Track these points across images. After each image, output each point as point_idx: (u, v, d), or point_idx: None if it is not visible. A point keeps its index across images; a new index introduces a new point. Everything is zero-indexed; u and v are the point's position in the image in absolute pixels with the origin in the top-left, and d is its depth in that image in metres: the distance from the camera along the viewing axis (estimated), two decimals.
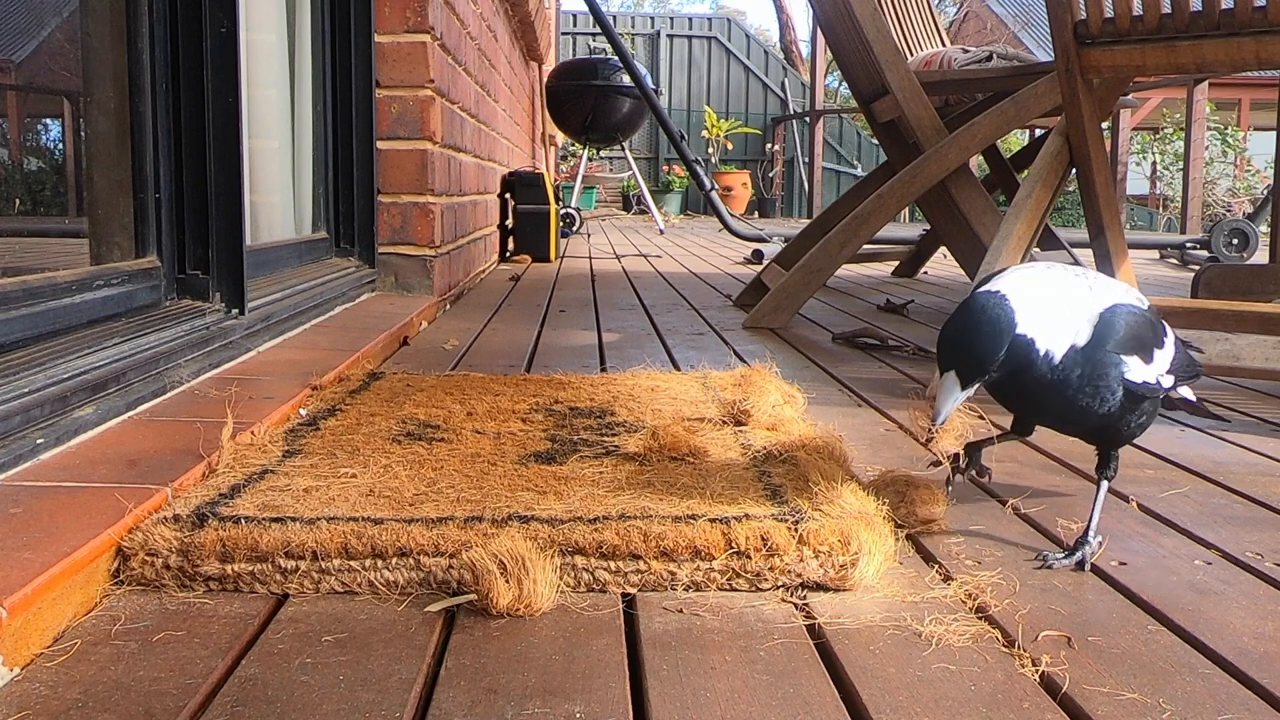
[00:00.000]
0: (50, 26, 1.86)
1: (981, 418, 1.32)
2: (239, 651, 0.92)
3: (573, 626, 0.99)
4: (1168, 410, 1.41)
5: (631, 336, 2.82)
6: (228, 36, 1.95)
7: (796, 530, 1.09)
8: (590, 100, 8.68)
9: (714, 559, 1.07)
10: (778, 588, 1.08)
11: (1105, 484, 1.22)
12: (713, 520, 1.11)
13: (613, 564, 1.07)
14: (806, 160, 12.39)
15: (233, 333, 1.96)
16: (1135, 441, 1.72)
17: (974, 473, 1.31)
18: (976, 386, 1.09)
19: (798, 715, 0.83)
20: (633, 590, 1.07)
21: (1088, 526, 1.18)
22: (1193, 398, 1.35)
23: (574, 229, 7.51)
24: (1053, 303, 1.09)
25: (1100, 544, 1.21)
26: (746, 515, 1.13)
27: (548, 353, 2.51)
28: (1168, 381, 1.18)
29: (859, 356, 2.58)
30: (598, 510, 1.15)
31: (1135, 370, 1.13)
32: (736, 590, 1.08)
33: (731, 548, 1.07)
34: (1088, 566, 1.16)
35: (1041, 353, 1.08)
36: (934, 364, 2.20)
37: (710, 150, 14.71)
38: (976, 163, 5.48)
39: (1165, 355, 1.17)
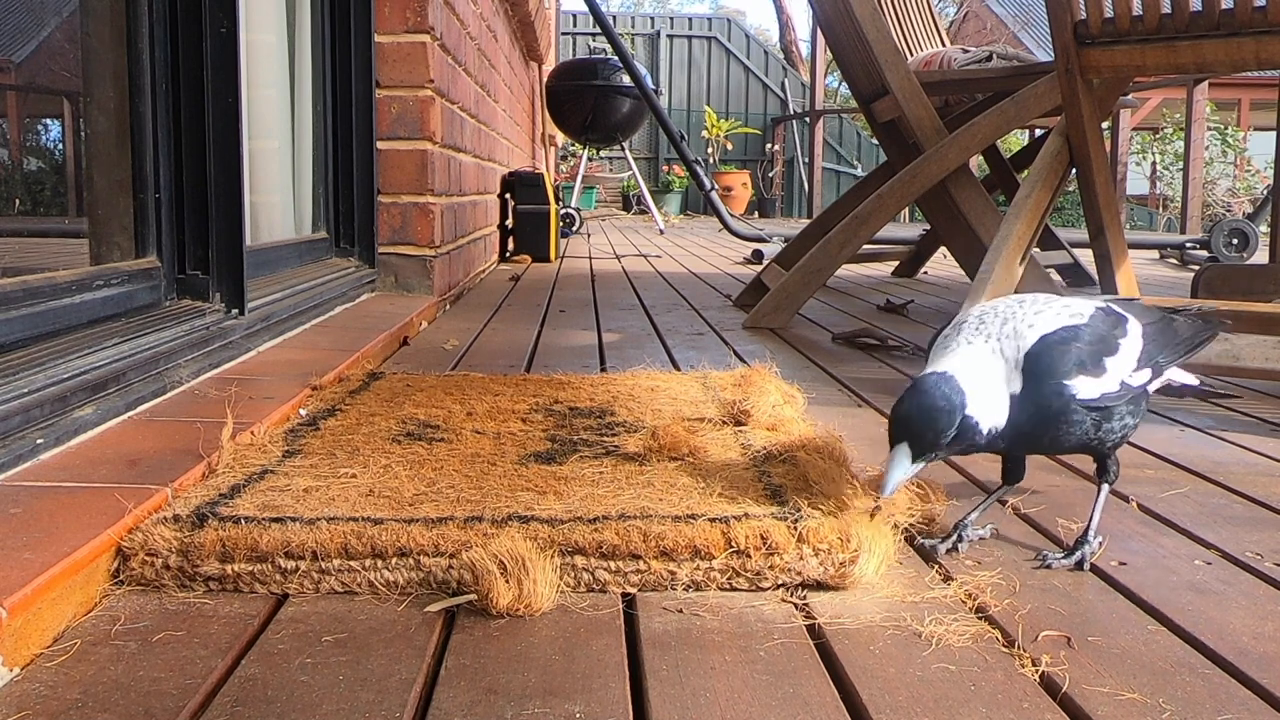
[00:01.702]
0: (50, 26, 1.86)
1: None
2: (239, 651, 0.92)
3: (573, 626, 0.99)
4: (1175, 396, 1.40)
5: (631, 336, 2.82)
6: (228, 37, 1.95)
7: (796, 529, 1.09)
8: (590, 100, 8.68)
9: (714, 558, 1.07)
10: (778, 586, 1.08)
11: (1106, 487, 1.22)
12: (712, 519, 1.11)
13: (613, 564, 1.07)
14: (806, 160, 12.39)
15: (233, 333, 1.96)
16: (1135, 442, 1.72)
17: (973, 538, 1.25)
18: (924, 465, 1.12)
19: (798, 715, 0.83)
20: (633, 590, 1.07)
21: (1087, 527, 1.18)
22: (1194, 381, 1.33)
23: (574, 229, 7.51)
24: (992, 377, 1.13)
25: (1101, 544, 1.21)
26: (746, 514, 1.13)
27: (548, 353, 2.51)
28: (1139, 379, 1.18)
29: (859, 356, 2.58)
30: (598, 510, 1.15)
31: (1085, 389, 1.13)
32: (736, 590, 1.08)
33: (731, 547, 1.07)
34: (1087, 566, 1.16)
35: (985, 431, 1.12)
36: None
37: (710, 150, 14.71)
38: (976, 163, 5.48)
39: (1123, 358, 1.16)
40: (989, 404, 1.12)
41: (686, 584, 1.07)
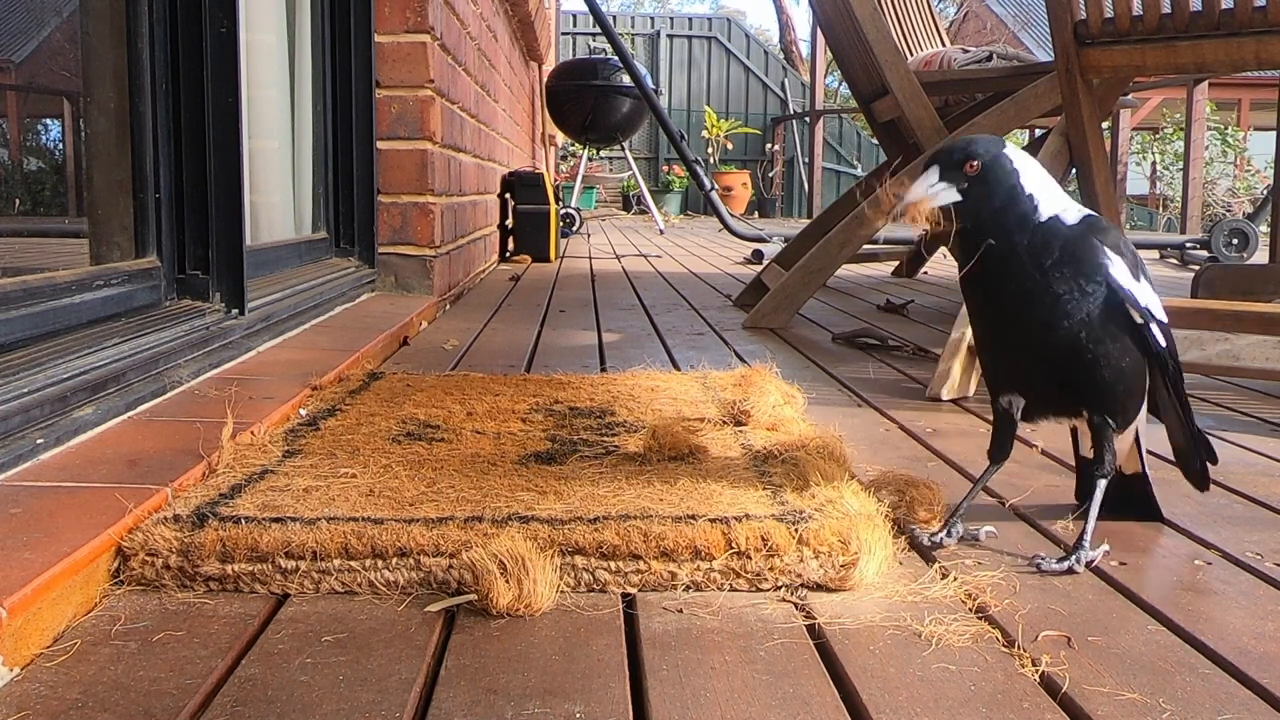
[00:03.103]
0: (50, 26, 1.86)
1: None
2: (239, 651, 0.92)
3: (573, 626, 0.99)
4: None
5: (631, 336, 2.82)
6: (228, 36, 1.95)
7: (796, 531, 1.09)
8: (590, 100, 8.67)
9: (714, 559, 1.07)
10: (778, 588, 1.08)
11: (1102, 483, 1.20)
12: (713, 520, 1.11)
13: (613, 564, 1.07)
14: (806, 160, 12.38)
15: (233, 333, 1.96)
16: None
17: (965, 537, 1.24)
18: (953, 194, 1.09)
19: (798, 715, 0.83)
20: (633, 590, 1.07)
21: (1083, 531, 1.17)
22: (1163, 318, 1.30)
23: (574, 229, 7.51)
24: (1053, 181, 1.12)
25: (1105, 553, 1.19)
26: (746, 515, 1.13)
27: (548, 353, 2.51)
28: (1157, 310, 1.16)
29: (859, 356, 2.58)
30: (598, 510, 1.15)
31: (1119, 271, 1.12)
32: (736, 590, 1.08)
33: (731, 548, 1.07)
34: (1080, 570, 1.15)
35: (1026, 191, 1.09)
36: (934, 364, 2.20)
37: (710, 150, 14.70)
38: None
39: (1147, 287, 1.15)
40: (1041, 181, 1.10)
41: (687, 584, 1.07)
